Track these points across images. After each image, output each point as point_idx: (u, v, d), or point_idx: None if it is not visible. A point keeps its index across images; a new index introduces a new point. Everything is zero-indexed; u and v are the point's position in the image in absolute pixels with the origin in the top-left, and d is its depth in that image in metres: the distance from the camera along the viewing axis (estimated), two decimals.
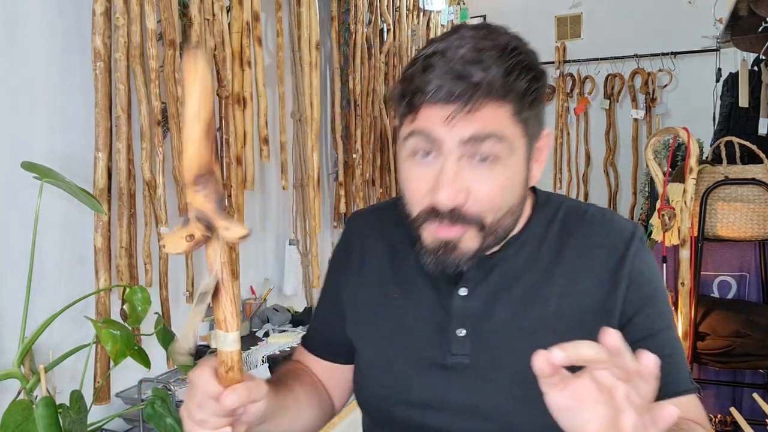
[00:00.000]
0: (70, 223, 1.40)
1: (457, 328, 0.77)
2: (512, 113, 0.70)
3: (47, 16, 1.35)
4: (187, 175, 0.58)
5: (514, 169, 0.72)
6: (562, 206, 0.82)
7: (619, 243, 0.77)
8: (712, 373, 2.23)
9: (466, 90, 0.67)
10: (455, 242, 0.72)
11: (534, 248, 0.79)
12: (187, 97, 0.56)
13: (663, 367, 0.67)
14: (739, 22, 2.44)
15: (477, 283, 0.78)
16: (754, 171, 2.10)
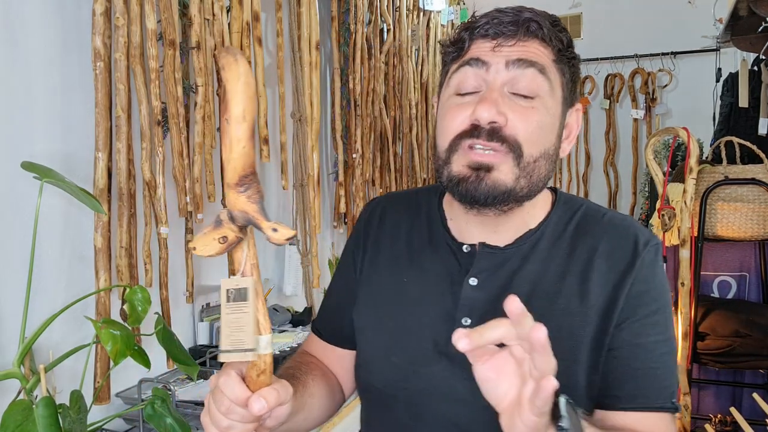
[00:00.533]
0: (70, 223, 1.40)
1: (463, 317, 0.77)
2: (554, 59, 0.74)
3: (47, 16, 1.35)
4: (232, 176, 0.57)
5: (552, 114, 0.74)
6: (582, 208, 0.82)
7: (632, 249, 0.76)
8: (712, 373, 2.23)
9: (515, 23, 0.72)
10: (490, 166, 0.71)
11: (548, 245, 0.79)
12: (231, 97, 0.56)
13: (644, 379, 0.73)
14: (739, 22, 2.44)
15: (488, 274, 0.78)
16: (754, 171, 2.10)
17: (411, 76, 3.06)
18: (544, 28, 0.73)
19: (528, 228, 0.80)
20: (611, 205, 4.13)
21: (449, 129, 0.74)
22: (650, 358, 0.74)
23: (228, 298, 0.61)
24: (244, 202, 0.58)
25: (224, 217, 0.60)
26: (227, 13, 1.76)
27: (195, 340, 1.85)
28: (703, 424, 2.08)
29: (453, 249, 0.82)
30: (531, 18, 0.73)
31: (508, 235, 0.80)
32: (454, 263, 0.80)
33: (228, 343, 0.61)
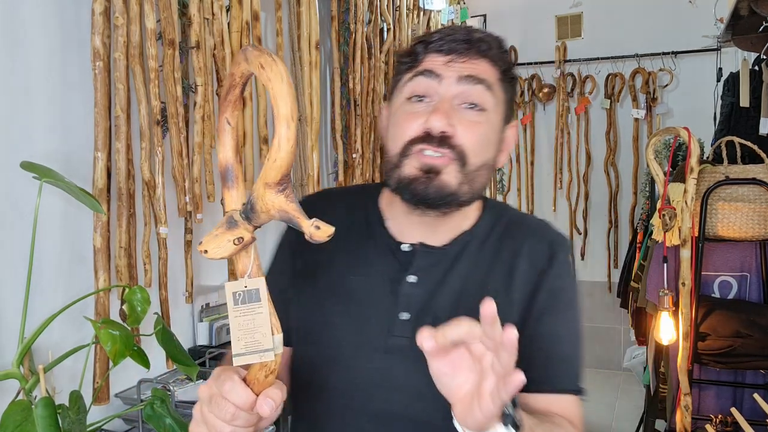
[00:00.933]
0: (69, 223, 1.40)
1: (400, 312, 0.83)
2: (499, 78, 0.82)
3: (46, 15, 1.35)
4: (275, 175, 0.57)
5: (493, 128, 0.82)
6: (506, 212, 0.92)
7: (548, 250, 0.87)
8: (713, 373, 2.23)
9: (467, 42, 0.79)
10: (439, 168, 0.78)
11: (478, 246, 0.87)
12: (279, 97, 0.56)
13: (556, 367, 0.84)
14: (739, 21, 2.44)
15: (425, 272, 0.84)
16: (754, 171, 2.10)
17: None
18: (492, 49, 0.81)
19: (462, 230, 0.87)
20: (612, 205, 4.13)
21: (403, 135, 0.80)
22: (564, 349, 0.84)
23: (236, 301, 0.60)
24: (283, 201, 0.57)
25: (238, 217, 0.59)
26: (227, 12, 1.76)
27: (194, 340, 1.85)
28: (703, 425, 2.07)
29: (392, 248, 0.87)
30: (482, 39, 0.81)
31: (445, 237, 0.87)
32: (393, 262, 0.86)
33: (242, 346, 0.60)
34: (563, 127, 4.21)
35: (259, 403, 0.61)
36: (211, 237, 0.60)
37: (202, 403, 0.64)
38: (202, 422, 0.64)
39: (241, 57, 0.61)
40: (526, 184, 4.36)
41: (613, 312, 4.18)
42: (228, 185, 0.62)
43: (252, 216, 0.59)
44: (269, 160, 0.57)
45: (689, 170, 2.03)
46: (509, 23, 4.34)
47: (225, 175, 0.62)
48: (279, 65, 0.57)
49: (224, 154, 0.62)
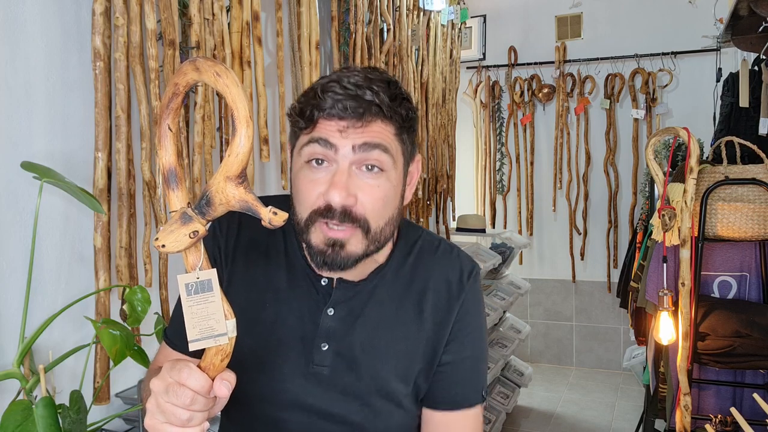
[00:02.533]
0: (69, 223, 1.40)
1: (321, 342, 0.88)
2: (395, 132, 0.83)
3: (46, 15, 1.35)
4: (236, 169, 0.63)
5: (395, 183, 0.84)
6: (420, 239, 0.95)
7: (459, 278, 0.92)
8: (713, 373, 2.23)
9: (359, 106, 0.79)
10: (343, 242, 0.81)
11: (392, 278, 0.91)
12: (238, 100, 0.62)
13: (464, 387, 0.92)
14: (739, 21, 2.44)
15: (343, 305, 0.89)
16: (754, 171, 2.10)
17: (411, 76, 3.05)
18: (383, 107, 0.81)
19: (377, 264, 0.91)
20: (611, 205, 4.14)
21: (305, 202, 0.82)
22: (469, 370, 0.92)
23: (189, 292, 0.66)
24: (242, 192, 0.63)
25: (192, 213, 0.64)
26: (227, 12, 1.76)
27: None
28: (703, 424, 2.07)
29: (312, 279, 0.90)
30: (372, 101, 0.80)
31: (361, 272, 0.90)
32: (313, 293, 0.90)
33: (196, 333, 0.65)
34: (563, 127, 4.21)
35: (217, 385, 0.66)
36: (167, 233, 0.64)
37: (156, 395, 0.66)
38: (158, 413, 0.66)
39: (190, 67, 0.65)
40: (526, 184, 4.36)
41: (613, 312, 4.18)
42: (172, 187, 0.67)
43: (207, 210, 0.64)
44: (231, 155, 0.63)
45: (689, 170, 2.03)
46: (509, 23, 4.35)
47: (169, 178, 0.67)
48: (232, 73, 0.64)
49: (167, 158, 0.66)
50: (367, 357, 0.88)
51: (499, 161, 4.45)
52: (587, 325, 4.30)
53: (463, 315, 0.92)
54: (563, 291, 4.35)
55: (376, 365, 0.88)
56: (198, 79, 0.65)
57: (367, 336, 0.88)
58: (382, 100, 0.81)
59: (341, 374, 0.87)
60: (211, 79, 0.63)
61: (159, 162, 0.68)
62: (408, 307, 0.91)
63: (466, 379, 0.92)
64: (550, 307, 4.39)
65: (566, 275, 4.32)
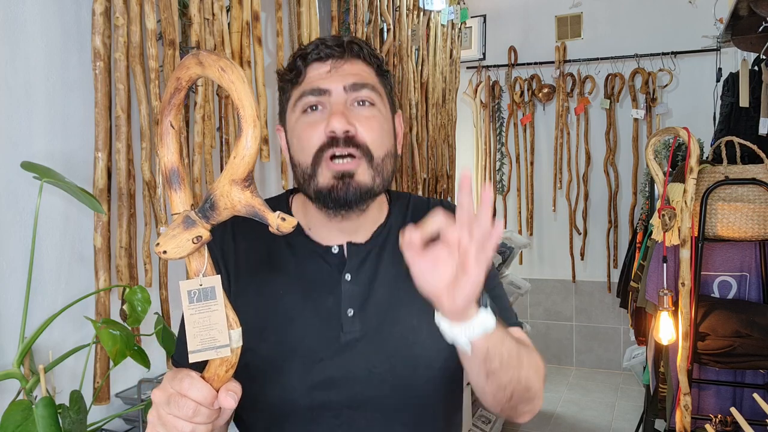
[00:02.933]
0: (69, 223, 1.40)
1: (346, 309, 0.87)
2: (376, 74, 0.88)
3: (47, 15, 1.35)
4: (242, 172, 0.59)
5: (386, 118, 0.88)
6: (410, 200, 0.99)
7: None
8: (713, 373, 2.23)
9: (341, 47, 0.84)
10: (352, 172, 0.83)
11: (395, 236, 0.90)
12: (244, 100, 0.59)
13: (504, 314, 0.92)
14: (739, 21, 2.44)
15: (358, 268, 0.89)
16: (754, 171, 2.10)
17: (411, 76, 3.05)
18: (364, 49, 0.87)
19: (377, 224, 0.93)
20: (611, 205, 4.14)
21: (309, 145, 0.84)
22: (500, 300, 0.94)
23: (191, 299, 0.62)
24: (249, 197, 0.60)
25: (195, 217, 0.61)
26: (227, 12, 1.76)
27: None
28: (703, 424, 2.07)
29: (320, 253, 0.91)
30: (352, 41, 0.86)
31: (365, 233, 0.92)
32: (324, 266, 0.90)
33: (197, 343, 0.62)
34: (563, 127, 4.21)
35: (222, 396, 0.63)
36: (169, 237, 0.61)
37: (157, 407, 0.64)
38: (159, 425, 0.64)
39: (193, 61, 0.62)
40: (526, 184, 4.36)
41: (613, 312, 4.18)
42: (174, 187, 0.63)
43: (211, 214, 0.61)
44: (236, 157, 0.59)
45: (689, 170, 2.03)
46: (509, 23, 4.35)
47: (171, 178, 0.63)
48: (239, 68, 0.60)
49: (169, 157, 0.63)
50: (394, 311, 0.88)
51: (499, 161, 4.45)
52: (587, 325, 4.30)
53: None
54: (563, 291, 4.35)
55: (405, 317, 0.88)
56: (201, 73, 0.62)
57: (388, 292, 0.89)
58: (361, 44, 0.87)
59: (372, 334, 0.87)
60: (215, 74, 0.60)
61: (160, 161, 0.64)
62: None
63: (497, 298, 0.92)
64: (550, 307, 4.39)
65: (566, 275, 4.32)
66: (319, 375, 0.85)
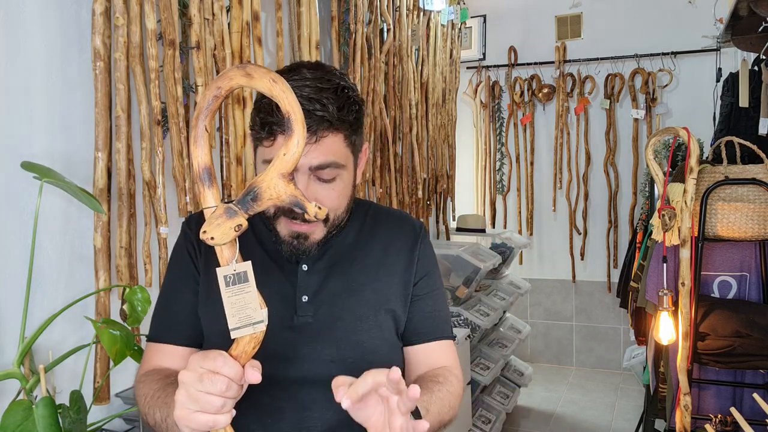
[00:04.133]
0: (69, 223, 1.40)
1: (301, 295, 0.97)
2: (344, 138, 0.93)
3: (46, 15, 1.35)
4: (290, 167, 0.69)
5: (348, 181, 0.96)
6: (371, 206, 1.10)
7: (413, 232, 1.07)
8: (713, 373, 2.23)
9: (312, 123, 0.87)
10: (307, 234, 0.94)
11: (355, 234, 1.04)
12: (294, 104, 0.69)
13: (433, 318, 1.06)
14: (739, 21, 2.44)
15: (315, 260, 0.99)
16: (754, 171, 2.10)
17: (411, 76, 3.05)
18: (333, 119, 0.89)
19: None
20: (611, 205, 4.14)
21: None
22: (437, 303, 1.06)
23: (227, 283, 0.71)
24: (293, 188, 0.70)
25: (236, 207, 0.69)
26: (227, 12, 1.76)
27: None
28: (703, 424, 2.07)
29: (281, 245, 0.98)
30: (323, 116, 0.88)
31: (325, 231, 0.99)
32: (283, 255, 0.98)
33: (236, 322, 0.71)
34: (563, 127, 4.21)
35: (249, 372, 0.72)
36: (214, 226, 0.69)
37: (187, 386, 0.71)
38: (190, 402, 0.70)
39: (239, 72, 0.70)
40: (526, 184, 4.36)
41: (613, 312, 4.18)
42: (207, 184, 0.72)
43: (252, 205, 0.70)
44: (287, 153, 0.69)
45: (689, 170, 2.03)
46: (509, 23, 4.35)
47: (204, 176, 0.71)
48: (283, 81, 0.69)
49: (202, 157, 0.72)
50: (345, 300, 0.98)
51: (499, 161, 4.45)
52: (587, 325, 4.30)
53: (424, 260, 1.06)
54: (563, 291, 4.35)
55: (352, 304, 0.98)
56: (246, 84, 0.70)
57: (341, 282, 0.99)
58: (332, 113, 0.89)
59: (324, 319, 0.96)
60: (266, 85, 0.68)
61: (193, 161, 0.72)
62: (375, 253, 1.03)
63: (437, 310, 1.06)
64: (550, 307, 4.39)
65: (566, 275, 4.32)
66: (270, 350, 0.88)
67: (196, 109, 0.73)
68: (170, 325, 1.00)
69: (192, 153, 0.72)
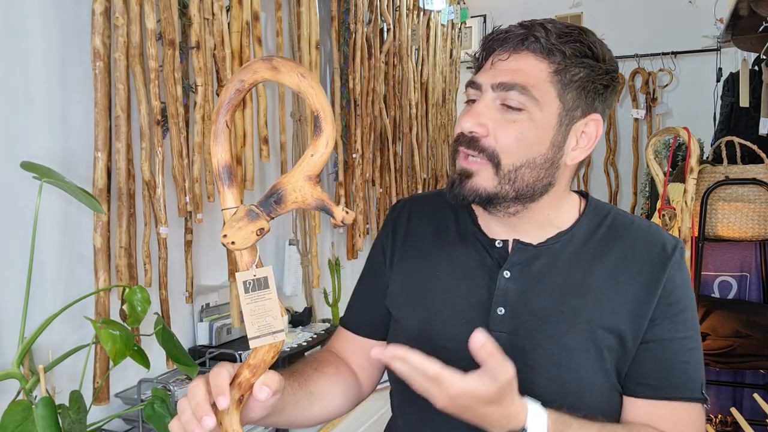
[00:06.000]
0: (69, 223, 1.40)
1: (497, 307, 0.83)
2: (551, 73, 0.79)
3: (46, 15, 1.35)
4: (318, 169, 0.64)
5: (539, 125, 0.79)
6: (611, 213, 0.89)
7: (661, 252, 0.84)
8: (713, 373, 2.23)
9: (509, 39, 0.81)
10: (471, 172, 0.80)
11: (579, 246, 0.85)
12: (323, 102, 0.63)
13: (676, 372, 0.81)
14: (739, 21, 2.44)
15: (522, 267, 0.84)
16: (754, 171, 2.10)
17: (411, 76, 3.05)
18: (540, 40, 0.79)
19: (558, 230, 0.87)
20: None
21: (453, 133, 0.85)
22: (680, 352, 0.81)
23: (247, 289, 0.67)
24: (319, 191, 0.65)
25: (258, 210, 0.65)
26: (227, 12, 1.76)
27: (194, 340, 1.85)
28: None
29: (484, 244, 0.88)
30: (526, 33, 0.80)
31: (536, 235, 0.86)
32: (486, 257, 0.87)
33: (255, 330, 0.66)
34: None
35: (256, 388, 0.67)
36: (235, 229, 0.65)
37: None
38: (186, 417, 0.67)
39: (264, 65, 0.64)
40: None
41: None
42: (228, 184, 0.66)
43: (275, 207, 0.65)
44: (315, 155, 0.64)
45: (689, 170, 2.03)
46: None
47: (224, 175, 0.66)
48: (313, 77, 0.64)
49: (223, 154, 0.66)
50: (551, 323, 0.81)
51: None
52: None
53: (671, 290, 0.81)
54: None
55: (560, 331, 0.80)
56: (272, 78, 0.64)
57: (549, 301, 0.82)
58: (547, 37, 0.80)
59: (521, 341, 0.81)
60: (294, 80, 0.63)
61: (213, 158, 0.67)
62: (599, 276, 0.82)
63: (681, 362, 0.81)
64: None
65: None
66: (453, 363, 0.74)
67: (218, 103, 0.67)
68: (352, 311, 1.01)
69: (212, 150, 0.66)
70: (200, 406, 0.65)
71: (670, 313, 0.81)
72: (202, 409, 0.65)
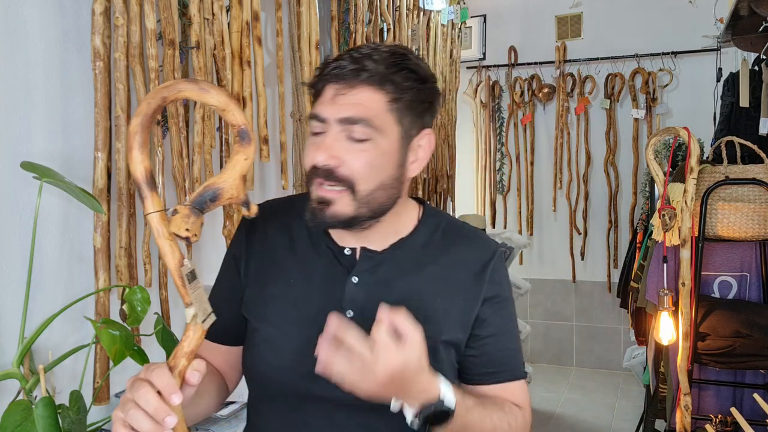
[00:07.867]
0: (69, 223, 1.40)
1: (346, 310, 0.91)
2: (387, 102, 0.86)
3: (46, 15, 1.35)
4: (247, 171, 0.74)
5: (384, 151, 0.87)
6: (444, 220, 0.99)
7: (484, 255, 0.96)
8: (713, 373, 2.23)
9: (348, 74, 0.84)
10: (330, 201, 0.87)
11: (418, 251, 0.95)
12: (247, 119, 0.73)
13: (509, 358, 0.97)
14: (739, 21, 2.44)
15: (368, 274, 0.92)
16: (754, 171, 2.10)
17: None
18: (376, 75, 0.84)
19: (399, 236, 0.95)
20: (611, 205, 4.14)
21: (305, 164, 0.90)
22: (509, 341, 0.96)
23: (189, 280, 0.74)
24: (245, 189, 0.75)
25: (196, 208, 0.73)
26: (227, 12, 1.76)
27: None
28: (703, 425, 2.07)
29: (335, 252, 0.95)
30: (361, 68, 0.84)
31: (383, 242, 0.94)
32: (336, 264, 0.93)
33: (201, 315, 0.74)
34: (563, 127, 4.21)
35: (188, 374, 0.73)
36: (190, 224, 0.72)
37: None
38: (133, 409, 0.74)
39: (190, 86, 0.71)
40: (526, 184, 4.36)
41: (613, 312, 4.18)
42: (153, 190, 0.72)
43: (210, 204, 0.73)
44: (246, 159, 0.73)
45: (689, 170, 2.03)
46: (509, 23, 4.35)
47: (151, 182, 0.72)
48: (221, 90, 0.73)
49: (147, 162, 0.72)
50: None
51: (499, 161, 4.44)
52: (587, 325, 4.30)
53: (494, 293, 0.95)
54: (563, 291, 4.34)
55: None
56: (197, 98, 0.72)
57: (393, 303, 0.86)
58: (374, 69, 0.85)
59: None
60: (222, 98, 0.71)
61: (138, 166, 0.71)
62: (436, 279, 0.93)
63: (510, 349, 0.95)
64: (550, 307, 4.39)
65: (566, 275, 4.32)
66: (307, 366, 0.85)
67: (140, 116, 0.72)
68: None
69: (135, 158, 0.71)
70: (159, 409, 0.69)
71: (497, 309, 0.95)
72: (162, 410, 0.69)
